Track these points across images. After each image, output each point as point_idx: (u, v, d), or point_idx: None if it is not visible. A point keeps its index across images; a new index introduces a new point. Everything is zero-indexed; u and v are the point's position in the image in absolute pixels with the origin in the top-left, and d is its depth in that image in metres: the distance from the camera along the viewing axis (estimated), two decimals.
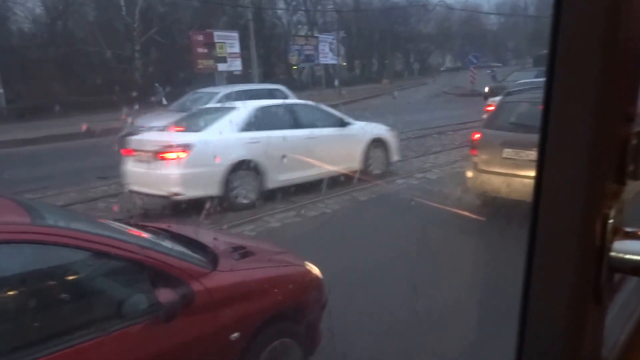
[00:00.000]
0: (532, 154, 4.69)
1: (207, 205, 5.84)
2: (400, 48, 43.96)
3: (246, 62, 30.21)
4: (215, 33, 29.02)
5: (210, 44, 28.82)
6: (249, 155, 6.36)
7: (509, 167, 4.99)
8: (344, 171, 7.13)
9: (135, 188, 6.46)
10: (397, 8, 40.28)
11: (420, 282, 3.46)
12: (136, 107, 12.29)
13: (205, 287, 2.28)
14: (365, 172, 7.37)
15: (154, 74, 31.11)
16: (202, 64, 29.01)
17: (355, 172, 7.22)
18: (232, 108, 6.95)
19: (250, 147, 6.40)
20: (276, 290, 2.69)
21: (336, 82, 30.41)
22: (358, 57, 42.42)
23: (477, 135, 5.65)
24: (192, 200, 5.90)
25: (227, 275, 2.51)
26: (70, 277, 2.19)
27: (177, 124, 7.07)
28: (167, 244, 2.62)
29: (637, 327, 0.70)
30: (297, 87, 28.06)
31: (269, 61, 33.44)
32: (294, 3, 35.85)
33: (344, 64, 35.94)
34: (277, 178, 6.58)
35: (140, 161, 6.31)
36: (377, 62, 43.33)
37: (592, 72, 0.48)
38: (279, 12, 34.92)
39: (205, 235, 3.24)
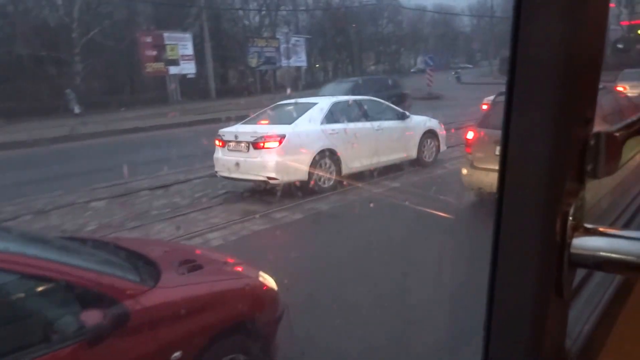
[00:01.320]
0: None
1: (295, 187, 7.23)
2: (371, 49, 46.26)
3: (202, 65, 30.80)
4: (166, 34, 29.37)
5: (160, 46, 29.11)
6: (330, 144, 7.64)
7: None
8: (404, 159, 8.65)
9: (227, 174, 7.66)
10: (367, 9, 42.68)
11: None
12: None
13: (143, 305, 2.29)
14: (420, 159, 8.90)
15: (96, 78, 30.92)
16: (151, 67, 29.24)
17: (413, 159, 8.77)
18: (313, 103, 8.21)
19: (330, 137, 7.69)
20: (225, 304, 2.76)
21: (301, 85, 31.69)
22: (328, 58, 44.36)
23: (472, 134, 6.24)
24: (273, 185, 7.22)
25: (168, 291, 2.54)
26: None
27: (259, 118, 8.26)
28: (105, 260, 2.70)
29: (599, 319, 0.78)
30: (255, 91, 28.99)
31: (226, 64, 34.33)
32: (254, 3, 36.96)
33: (318, 65, 37.59)
34: (351, 165, 7.90)
35: (236, 150, 7.45)
36: (346, 63, 45.33)
37: (551, 77, 0.53)
38: (240, 13, 35.84)
39: (153, 248, 3.37)
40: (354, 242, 5.36)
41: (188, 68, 30.03)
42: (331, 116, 7.91)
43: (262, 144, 7.25)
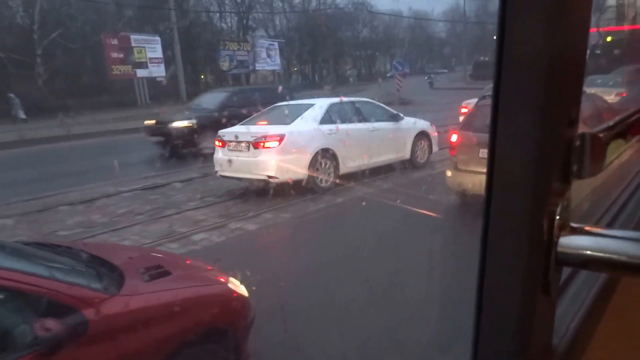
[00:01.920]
0: None
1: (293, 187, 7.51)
2: (346, 54, 47.20)
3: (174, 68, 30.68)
4: (133, 37, 29.24)
5: (127, 49, 28.96)
6: (328, 144, 8.02)
7: (485, 166, 6.60)
8: (397, 159, 9.09)
9: (227, 174, 7.98)
10: (343, 14, 43.66)
11: None
12: None
13: (103, 313, 2.27)
14: (413, 160, 9.36)
15: (59, 80, 30.46)
16: (118, 69, 29.04)
17: (406, 160, 9.24)
18: (311, 104, 8.59)
19: (328, 138, 8.07)
20: (192, 312, 2.75)
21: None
22: (304, 63, 45.05)
23: (455, 137, 6.45)
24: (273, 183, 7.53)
25: (131, 299, 2.51)
26: None
27: (258, 119, 8.59)
28: (64, 266, 2.66)
29: (585, 316, 0.81)
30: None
31: (197, 67, 34.33)
32: (227, 6, 37.14)
33: (296, 69, 37.99)
34: (348, 164, 8.28)
35: (236, 150, 7.74)
36: (321, 68, 46.15)
37: (536, 79, 0.55)
38: (213, 15, 35.93)
39: (119, 254, 3.38)
40: (348, 240, 5.59)
41: (157, 71, 29.95)
42: (328, 117, 8.30)
43: (262, 144, 7.57)
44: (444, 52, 54.90)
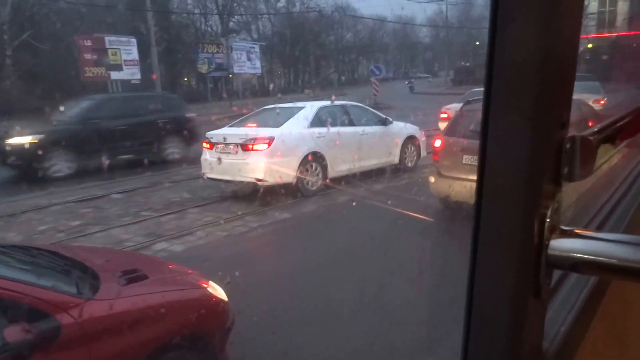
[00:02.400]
0: None
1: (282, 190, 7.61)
2: (329, 58, 47.58)
3: (149, 71, 30.48)
4: (107, 38, 28.98)
5: (100, 50, 28.73)
6: (317, 147, 8.13)
7: (468, 172, 5.56)
8: (387, 163, 9.25)
9: (214, 176, 8.03)
10: (326, 18, 44.04)
11: None
12: None
13: (76, 318, 2.25)
14: (402, 164, 9.53)
15: (30, 82, 29.98)
16: (91, 71, 28.77)
17: (395, 164, 9.41)
18: (301, 107, 8.70)
19: (318, 141, 8.17)
20: (168, 316, 2.72)
21: (246, 93, 31.90)
22: (286, 66, 45.13)
23: (439, 142, 6.48)
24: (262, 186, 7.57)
25: (105, 303, 2.50)
26: None
27: (247, 121, 8.66)
28: (38, 270, 2.66)
29: (575, 320, 0.82)
30: (205, 98, 28.79)
31: (174, 70, 34.11)
32: (207, 7, 37.00)
33: (280, 72, 38.02)
34: (337, 168, 8.40)
35: (224, 152, 7.80)
36: (304, 72, 46.47)
37: (527, 82, 0.57)
38: (194, 18, 35.77)
39: (98, 257, 3.35)
40: (337, 243, 5.68)
41: (132, 73, 29.73)
42: (318, 120, 8.42)
43: (251, 146, 7.65)
44: (425, 57, 55.55)
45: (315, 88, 37.87)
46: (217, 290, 3.09)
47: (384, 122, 9.40)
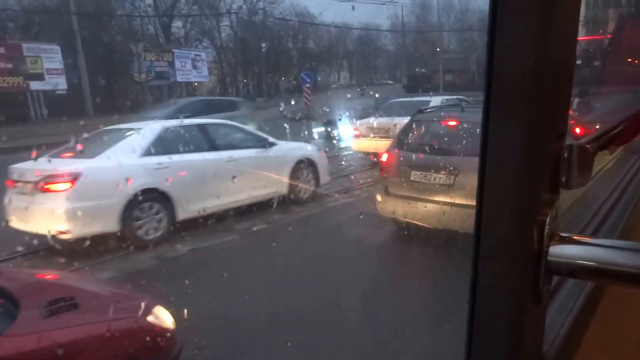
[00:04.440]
0: (441, 177, 5.01)
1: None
2: (287, 65, 46.13)
3: (77, 80, 27.98)
4: (25, 45, 26.55)
5: (17, 58, 26.20)
6: (155, 182, 5.97)
7: (417, 190, 5.15)
8: (269, 196, 7.05)
9: (16, 225, 5.74)
10: (285, 25, 43.00)
11: None
12: None
13: None
14: (292, 195, 7.36)
15: None
16: (6, 81, 26.21)
17: (282, 196, 7.23)
18: (134, 129, 6.59)
19: (156, 174, 6.00)
20: (98, 351, 2.55)
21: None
22: (238, 74, 43.79)
23: (386, 156, 5.85)
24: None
25: (21, 339, 2.31)
26: None
27: (69, 149, 6.38)
28: None
29: (573, 324, 0.83)
30: (137, 109, 26.38)
31: (108, 79, 31.55)
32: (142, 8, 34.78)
33: (246, 80, 36.64)
34: (190, 207, 6.21)
35: (22, 193, 5.61)
36: (257, 80, 45.02)
37: (525, 92, 0.56)
38: (133, 24, 33.47)
39: (21, 282, 3.07)
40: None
41: (57, 83, 27.12)
42: (160, 146, 6.26)
43: (48, 186, 5.43)
44: (377, 63, 54.49)
45: (267, 96, 36.07)
46: (161, 318, 2.85)
47: (264, 144, 7.20)
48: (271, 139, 7.34)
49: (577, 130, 4.29)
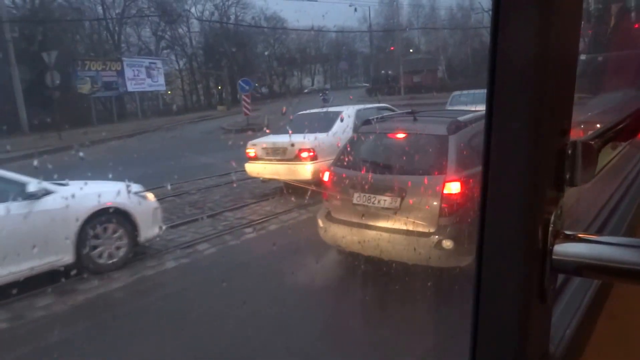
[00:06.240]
0: (385, 200, 4.45)
1: None
2: (257, 71, 44.99)
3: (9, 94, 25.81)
4: None
5: None
6: None
7: (359, 215, 4.64)
8: (43, 268, 5.01)
9: None
10: (256, 30, 42.40)
11: None
12: None
13: None
14: (84, 263, 5.31)
15: None
16: None
17: (65, 266, 5.15)
18: None
19: None
20: None
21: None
22: (200, 81, 43.01)
23: (327, 175, 5.27)
24: None
25: None
26: None
27: None
28: None
29: (580, 323, 0.83)
30: (79, 122, 24.29)
31: (46, 91, 29.44)
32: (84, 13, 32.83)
33: (207, 87, 35.92)
34: None
35: None
36: (224, 86, 43.94)
37: (529, 90, 0.57)
38: (78, 32, 31.44)
39: None
40: None
41: None
42: None
43: None
44: (339, 67, 53.10)
45: (230, 103, 34.27)
46: None
47: (29, 195, 5.07)
48: (45, 184, 5.21)
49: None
